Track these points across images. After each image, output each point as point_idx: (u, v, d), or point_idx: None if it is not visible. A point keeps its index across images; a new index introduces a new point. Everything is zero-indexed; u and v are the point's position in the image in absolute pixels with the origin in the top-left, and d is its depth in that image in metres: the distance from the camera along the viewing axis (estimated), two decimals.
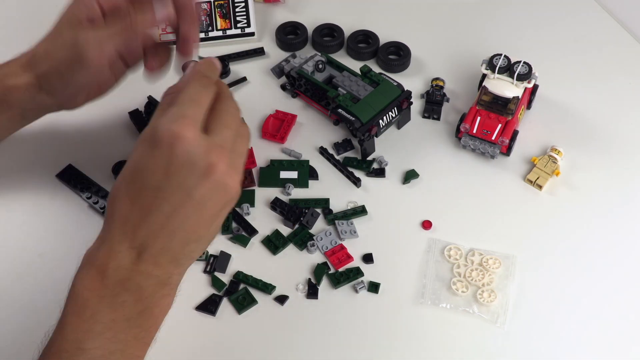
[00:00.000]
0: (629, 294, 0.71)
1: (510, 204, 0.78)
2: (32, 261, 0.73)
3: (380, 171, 0.80)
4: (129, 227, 0.56)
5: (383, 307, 0.70)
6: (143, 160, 0.56)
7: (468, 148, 0.81)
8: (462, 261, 0.73)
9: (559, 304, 0.70)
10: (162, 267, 0.57)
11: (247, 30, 0.92)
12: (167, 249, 0.57)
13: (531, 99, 0.84)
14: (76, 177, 0.78)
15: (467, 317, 0.70)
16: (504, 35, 0.94)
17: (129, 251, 0.56)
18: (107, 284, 0.56)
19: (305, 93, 0.85)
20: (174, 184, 0.55)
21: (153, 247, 0.56)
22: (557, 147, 0.80)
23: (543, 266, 0.73)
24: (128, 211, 0.56)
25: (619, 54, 0.92)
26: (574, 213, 0.77)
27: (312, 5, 0.97)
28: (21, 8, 0.97)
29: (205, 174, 0.55)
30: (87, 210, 0.77)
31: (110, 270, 0.56)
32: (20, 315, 0.69)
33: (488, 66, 0.80)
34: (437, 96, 0.84)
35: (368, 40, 0.92)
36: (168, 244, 0.57)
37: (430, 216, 0.76)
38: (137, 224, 0.56)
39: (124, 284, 0.56)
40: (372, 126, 0.78)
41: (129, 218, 0.56)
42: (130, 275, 0.56)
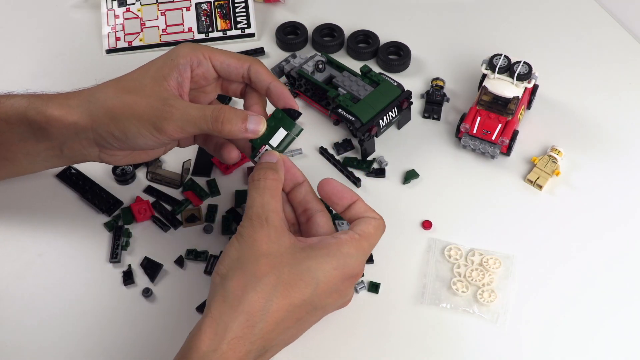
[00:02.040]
0: (629, 294, 0.71)
1: (510, 204, 0.78)
2: (32, 261, 0.73)
3: (380, 171, 0.80)
4: (271, 331, 0.59)
5: (383, 307, 0.70)
6: (329, 286, 0.61)
7: (468, 148, 0.81)
8: (462, 261, 0.73)
9: (559, 304, 0.70)
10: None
11: (248, 31, 0.92)
12: (272, 353, 0.62)
13: (531, 99, 0.84)
14: (76, 177, 0.78)
15: (467, 317, 0.70)
16: (504, 35, 0.94)
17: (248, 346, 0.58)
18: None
19: (305, 93, 0.85)
20: (326, 308, 0.63)
21: (270, 352, 0.61)
22: (557, 147, 0.80)
23: (543, 266, 0.73)
24: (282, 317, 0.59)
25: (619, 54, 0.92)
26: (574, 213, 0.77)
27: (312, 5, 0.97)
28: (21, 8, 0.97)
29: (344, 304, 0.66)
30: (87, 210, 0.77)
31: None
32: (21, 315, 0.69)
33: (488, 66, 0.80)
34: (437, 96, 0.84)
35: (368, 40, 0.92)
36: (277, 349, 0.62)
37: (430, 216, 0.76)
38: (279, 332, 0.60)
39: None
40: (372, 126, 0.78)
41: (279, 323, 0.59)
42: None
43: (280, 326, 0.59)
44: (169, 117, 0.63)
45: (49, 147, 0.67)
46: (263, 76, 0.67)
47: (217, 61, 0.67)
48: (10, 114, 0.66)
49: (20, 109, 0.66)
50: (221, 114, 0.63)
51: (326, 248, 0.61)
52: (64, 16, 0.96)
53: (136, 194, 0.78)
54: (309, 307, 0.60)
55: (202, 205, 0.77)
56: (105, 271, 0.72)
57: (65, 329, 0.69)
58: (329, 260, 0.60)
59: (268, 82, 0.67)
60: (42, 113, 0.65)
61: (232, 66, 0.67)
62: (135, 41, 0.88)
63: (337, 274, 0.60)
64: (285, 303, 0.58)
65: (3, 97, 0.68)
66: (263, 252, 0.59)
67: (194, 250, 0.73)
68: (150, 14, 0.89)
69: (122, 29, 0.89)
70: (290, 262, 0.59)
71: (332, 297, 0.61)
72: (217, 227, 0.76)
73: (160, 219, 0.76)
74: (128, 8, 0.91)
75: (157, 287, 0.71)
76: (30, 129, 0.66)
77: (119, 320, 0.69)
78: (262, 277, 0.58)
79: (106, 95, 0.65)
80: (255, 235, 0.60)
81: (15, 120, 0.66)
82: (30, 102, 0.66)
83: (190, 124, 0.63)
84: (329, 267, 0.60)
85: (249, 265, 0.59)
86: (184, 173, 0.78)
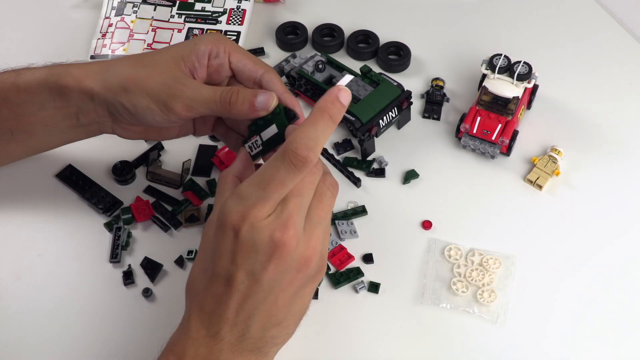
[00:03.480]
0: (629, 294, 0.71)
1: (510, 204, 0.78)
2: (32, 261, 0.73)
3: (380, 171, 0.80)
4: (204, 315, 0.56)
5: (383, 307, 0.70)
6: (210, 247, 0.56)
7: (468, 148, 0.81)
8: (462, 261, 0.73)
9: (559, 304, 0.70)
10: (243, 355, 0.56)
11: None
12: (245, 337, 0.56)
13: (531, 99, 0.84)
14: (76, 177, 0.79)
15: (467, 317, 0.70)
16: (504, 35, 0.94)
17: (206, 339, 0.55)
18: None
19: (305, 93, 0.85)
20: (240, 271, 0.55)
21: (230, 335, 0.56)
22: (557, 147, 0.80)
23: (543, 266, 0.73)
24: (202, 298, 0.56)
25: (619, 54, 0.92)
26: (574, 213, 0.77)
27: (312, 5, 0.97)
28: (21, 8, 0.97)
29: (270, 255, 0.54)
30: (87, 210, 0.77)
31: (188, 358, 0.55)
32: (20, 315, 0.69)
33: (488, 66, 0.80)
34: (437, 96, 0.84)
35: (368, 40, 0.92)
36: (245, 332, 0.56)
37: (430, 216, 0.76)
38: (212, 311, 0.56)
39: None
40: (372, 126, 0.78)
41: (203, 305, 0.56)
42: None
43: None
44: (178, 94, 0.63)
45: (67, 114, 0.67)
46: (276, 86, 0.66)
47: (235, 58, 0.67)
48: (30, 83, 0.67)
49: (40, 77, 0.67)
50: (230, 95, 0.63)
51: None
52: (64, 16, 0.96)
53: (136, 194, 0.78)
54: (218, 280, 0.56)
55: (202, 205, 0.77)
56: (105, 271, 0.72)
57: (65, 329, 0.69)
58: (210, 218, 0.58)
59: (280, 92, 0.65)
60: (62, 77, 0.66)
61: (247, 67, 0.67)
62: (118, 50, 0.89)
63: (210, 231, 0.57)
64: (201, 277, 0.57)
65: (23, 69, 0.69)
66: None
67: (194, 250, 0.73)
68: (141, 28, 0.90)
69: (110, 37, 0.90)
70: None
71: (221, 257, 0.56)
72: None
73: (160, 219, 0.76)
74: (122, 18, 0.91)
75: (157, 287, 0.71)
76: (50, 96, 0.66)
77: (119, 320, 0.69)
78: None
79: (122, 66, 0.66)
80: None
81: (36, 89, 0.66)
82: (50, 69, 0.67)
83: (200, 103, 0.63)
84: (207, 223, 0.58)
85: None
86: (183, 173, 0.78)
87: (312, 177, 0.56)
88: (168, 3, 0.93)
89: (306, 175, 0.55)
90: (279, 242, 0.54)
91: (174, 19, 0.92)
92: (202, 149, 0.81)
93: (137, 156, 0.80)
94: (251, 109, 0.62)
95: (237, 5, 0.93)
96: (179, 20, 0.92)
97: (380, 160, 0.81)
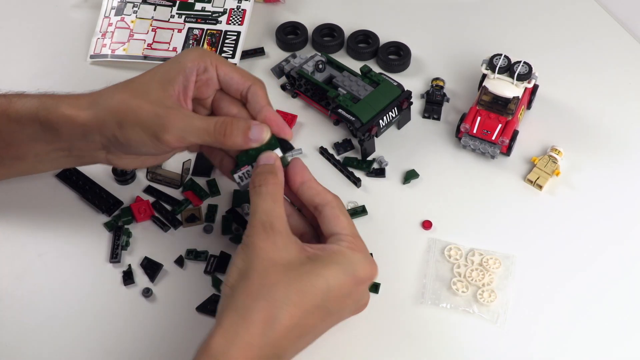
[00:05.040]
0: (629, 294, 0.71)
1: (510, 204, 0.78)
2: (32, 261, 0.73)
3: (380, 171, 0.80)
4: (288, 336, 0.59)
5: (383, 307, 0.70)
6: (342, 292, 0.61)
7: (468, 148, 0.81)
8: (462, 261, 0.73)
9: (559, 304, 0.70)
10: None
11: (231, 61, 0.90)
12: (289, 356, 0.61)
13: (531, 99, 0.84)
14: (76, 177, 0.78)
15: (467, 317, 0.70)
16: (504, 35, 0.94)
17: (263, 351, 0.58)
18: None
19: (305, 93, 0.85)
20: (341, 313, 0.63)
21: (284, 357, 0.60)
22: (557, 147, 0.80)
23: (543, 266, 0.73)
24: (294, 323, 0.58)
25: (619, 54, 0.92)
26: (574, 213, 0.77)
27: (312, 5, 0.97)
28: (21, 8, 0.97)
29: (360, 309, 0.66)
30: (87, 210, 0.77)
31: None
32: (20, 315, 0.69)
33: (488, 66, 0.80)
34: (437, 96, 0.84)
35: (368, 40, 0.92)
36: (290, 355, 0.61)
37: (430, 216, 0.76)
38: (295, 338, 0.60)
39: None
40: (372, 126, 0.78)
41: (293, 329, 0.59)
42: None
43: (292, 334, 0.59)
44: (170, 125, 0.62)
45: (59, 147, 0.67)
46: (259, 97, 0.67)
47: (222, 71, 0.67)
48: (21, 114, 0.66)
49: (32, 108, 0.66)
50: (224, 127, 0.63)
51: (333, 255, 0.61)
52: (64, 16, 0.96)
53: (136, 194, 0.78)
54: (322, 314, 0.60)
55: (202, 205, 0.77)
56: (105, 271, 0.72)
57: (65, 329, 0.69)
58: (338, 267, 0.60)
59: (261, 105, 0.66)
60: (53, 113, 0.65)
61: (234, 80, 0.67)
62: (118, 50, 0.88)
63: (348, 280, 0.60)
64: (296, 311, 0.58)
65: (15, 97, 0.68)
66: (270, 260, 0.59)
67: (194, 250, 0.73)
68: (141, 28, 0.90)
69: (110, 36, 0.89)
70: (299, 270, 0.59)
71: (345, 302, 0.62)
72: (217, 227, 0.76)
73: (160, 219, 0.76)
74: (122, 17, 0.91)
75: (157, 287, 0.71)
76: (41, 129, 0.66)
77: (119, 320, 0.69)
78: (272, 286, 0.58)
79: (113, 98, 0.65)
80: (261, 244, 0.60)
81: (27, 120, 0.66)
82: (41, 102, 0.66)
83: (192, 134, 0.63)
84: (339, 272, 0.60)
85: (257, 274, 0.59)
86: (184, 173, 0.78)
87: None
88: (168, 3, 0.93)
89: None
90: (367, 300, 0.66)
91: (174, 19, 0.92)
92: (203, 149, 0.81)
93: None
94: (245, 140, 0.63)
95: (237, 5, 0.93)
96: (179, 20, 0.92)
97: (380, 160, 0.81)
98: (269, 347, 0.57)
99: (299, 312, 0.58)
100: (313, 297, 0.59)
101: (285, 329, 0.58)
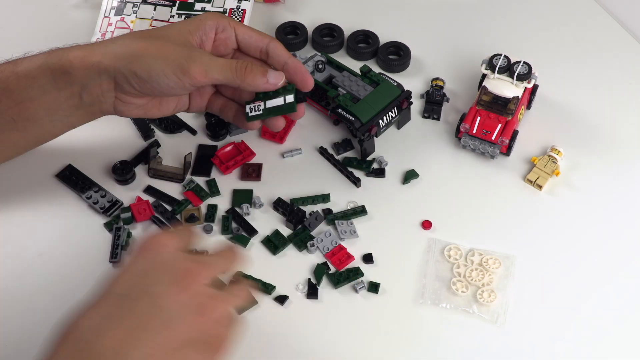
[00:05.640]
0: (629, 294, 0.71)
1: (510, 204, 0.78)
2: (32, 261, 0.73)
3: (380, 171, 0.80)
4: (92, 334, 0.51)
5: (383, 307, 0.70)
6: (125, 269, 0.54)
7: (468, 148, 0.81)
8: (462, 261, 0.73)
9: (559, 304, 0.70)
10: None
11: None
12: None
13: (531, 99, 0.84)
14: (76, 177, 0.79)
15: (467, 317, 0.70)
16: (504, 35, 0.94)
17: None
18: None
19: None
20: (141, 288, 0.51)
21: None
22: (557, 147, 0.80)
23: (543, 266, 0.73)
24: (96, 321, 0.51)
25: (619, 54, 0.92)
26: (573, 213, 0.77)
27: (312, 5, 0.97)
28: (21, 7, 0.97)
29: (177, 282, 0.51)
30: (87, 210, 0.77)
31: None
32: (20, 315, 0.69)
33: (488, 66, 0.80)
34: (437, 96, 0.84)
35: (368, 40, 0.92)
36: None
37: (430, 216, 0.76)
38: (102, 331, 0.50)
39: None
40: (372, 126, 0.78)
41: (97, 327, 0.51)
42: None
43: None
44: (197, 59, 0.66)
45: (70, 94, 0.68)
46: (281, 51, 0.72)
47: (240, 32, 0.72)
48: (30, 68, 0.67)
49: (39, 60, 0.67)
50: (245, 66, 0.68)
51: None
52: (64, 16, 0.96)
53: (136, 194, 0.78)
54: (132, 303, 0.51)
55: (202, 205, 0.77)
56: (105, 271, 0.72)
57: None
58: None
59: (285, 57, 0.72)
60: (64, 58, 0.67)
61: (253, 38, 0.72)
62: None
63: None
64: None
65: (20, 58, 0.69)
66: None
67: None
68: (141, 28, 0.90)
69: (110, 36, 0.90)
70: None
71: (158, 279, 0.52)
72: (216, 227, 0.76)
73: (160, 219, 0.76)
74: (122, 18, 0.91)
75: None
76: (52, 78, 0.67)
77: None
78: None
79: (132, 38, 0.68)
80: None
81: (37, 73, 0.67)
82: (50, 53, 0.68)
83: (216, 69, 0.66)
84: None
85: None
86: (186, 166, 0.79)
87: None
88: (168, 3, 0.93)
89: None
90: (192, 270, 0.54)
91: (174, 19, 0.92)
92: (201, 148, 0.81)
93: (136, 154, 0.80)
94: (263, 80, 0.68)
95: (237, 5, 0.93)
96: (179, 20, 0.92)
97: (380, 160, 0.81)
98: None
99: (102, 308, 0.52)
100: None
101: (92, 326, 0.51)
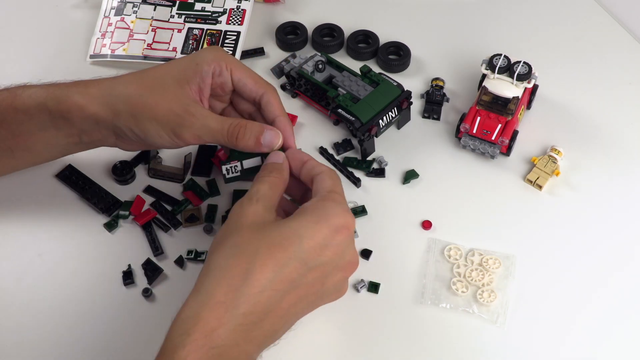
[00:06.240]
0: (629, 294, 0.71)
1: (510, 204, 0.78)
2: (32, 261, 0.73)
3: (380, 171, 0.80)
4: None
5: (383, 307, 0.70)
6: (315, 241, 0.58)
7: (468, 148, 0.81)
8: (462, 261, 0.73)
9: (559, 304, 0.70)
10: (258, 346, 0.58)
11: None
12: (275, 335, 0.60)
13: (531, 99, 0.84)
14: (76, 177, 0.79)
15: (467, 317, 0.70)
16: (504, 35, 0.94)
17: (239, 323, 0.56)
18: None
19: (305, 93, 0.85)
20: (324, 268, 0.59)
21: (269, 322, 0.58)
22: (557, 147, 0.80)
23: (543, 266, 0.73)
24: (269, 278, 0.56)
25: (619, 54, 0.92)
26: (574, 213, 0.77)
27: (312, 5, 0.97)
28: (21, 8, 0.97)
29: (344, 269, 0.62)
30: (87, 210, 0.77)
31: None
32: (20, 315, 0.69)
33: (488, 66, 0.80)
34: (437, 96, 0.84)
35: (368, 40, 0.92)
36: (277, 316, 0.58)
37: (430, 216, 0.76)
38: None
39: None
40: (372, 126, 0.78)
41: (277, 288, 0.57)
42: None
43: (269, 289, 0.56)
44: (188, 125, 0.65)
45: (69, 134, 0.68)
46: (273, 107, 0.69)
47: (236, 77, 0.69)
48: (28, 105, 0.67)
49: (39, 99, 0.67)
50: (237, 130, 0.65)
51: (304, 210, 0.60)
52: (64, 16, 0.96)
53: (136, 194, 0.78)
54: (299, 267, 0.58)
55: (202, 205, 0.77)
56: (106, 271, 0.72)
57: (65, 329, 0.69)
58: (309, 217, 0.59)
59: (276, 114, 0.69)
60: (63, 103, 0.66)
61: (248, 87, 0.70)
62: (118, 50, 0.89)
63: (321, 227, 0.59)
64: (269, 263, 0.56)
65: (19, 89, 0.68)
66: (247, 222, 0.59)
67: (194, 250, 0.73)
68: (141, 28, 0.90)
69: (110, 36, 0.90)
70: (272, 227, 0.59)
71: (324, 254, 0.59)
72: (217, 227, 0.76)
73: (160, 219, 0.76)
74: (122, 18, 0.91)
75: (157, 287, 0.71)
76: (50, 119, 0.67)
77: (119, 320, 0.69)
78: (243, 244, 0.57)
79: (128, 90, 0.66)
80: (242, 211, 0.60)
81: (35, 111, 0.67)
82: (48, 92, 0.67)
83: (208, 134, 0.66)
84: (310, 222, 0.59)
85: (232, 236, 0.58)
86: (186, 166, 0.79)
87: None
88: (168, 3, 0.93)
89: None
90: (354, 261, 0.62)
91: (173, 19, 0.92)
92: (202, 148, 0.81)
93: (135, 154, 0.80)
94: (257, 144, 0.66)
95: (237, 5, 0.93)
96: (178, 20, 0.92)
97: (380, 160, 0.81)
98: (245, 304, 0.55)
99: (271, 264, 0.56)
100: (284, 248, 0.57)
101: (260, 284, 0.56)
